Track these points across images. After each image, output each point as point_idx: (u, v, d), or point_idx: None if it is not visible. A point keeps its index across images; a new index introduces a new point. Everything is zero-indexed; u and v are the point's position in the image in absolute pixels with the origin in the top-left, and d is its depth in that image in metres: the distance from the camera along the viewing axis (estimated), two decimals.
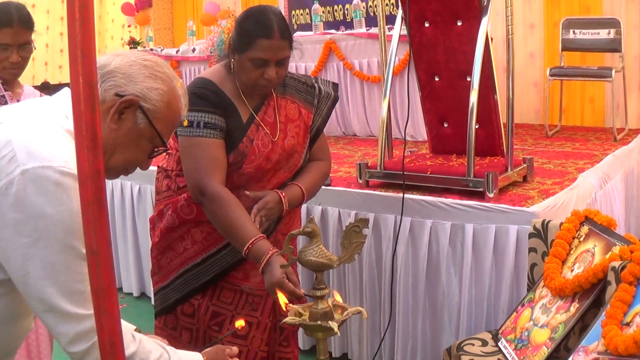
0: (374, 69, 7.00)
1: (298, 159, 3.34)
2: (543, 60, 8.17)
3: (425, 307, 4.29)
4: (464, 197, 4.23)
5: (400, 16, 4.73)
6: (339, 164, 5.71)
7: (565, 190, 4.41)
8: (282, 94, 3.32)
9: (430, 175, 4.42)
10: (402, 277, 4.31)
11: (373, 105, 7.10)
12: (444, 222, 4.16)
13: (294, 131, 3.30)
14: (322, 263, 2.61)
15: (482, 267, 4.05)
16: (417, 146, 6.10)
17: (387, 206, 4.38)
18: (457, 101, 4.55)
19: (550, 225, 3.52)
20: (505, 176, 4.37)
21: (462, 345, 3.46)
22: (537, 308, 3.30)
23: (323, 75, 7.33)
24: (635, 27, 7.46)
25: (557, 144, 6.50)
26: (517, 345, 3.25)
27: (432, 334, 4.30)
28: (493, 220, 4.02)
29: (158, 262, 3.40)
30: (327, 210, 4.66)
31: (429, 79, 4.76)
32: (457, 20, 4.47)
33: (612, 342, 2.64)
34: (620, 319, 2.74)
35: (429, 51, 4.67)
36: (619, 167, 5.66)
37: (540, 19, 8.20)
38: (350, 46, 7.29)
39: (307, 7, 8.83)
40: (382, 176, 4.63)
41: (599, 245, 3.22)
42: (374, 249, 4.46)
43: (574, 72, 7.29)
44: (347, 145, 6.87)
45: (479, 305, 4.09)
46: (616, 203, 5.27)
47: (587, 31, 7.29)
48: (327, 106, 3.44)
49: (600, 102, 7.81)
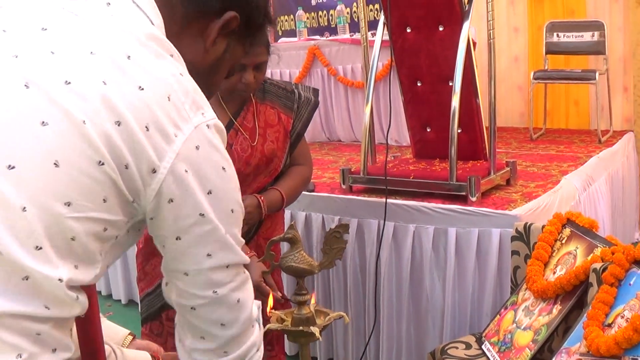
0: (358, 75, 7.00)
1: (278, 164, 3.35)
2: (527, 63, 8.16)
3: (410, 311, 4.30)
4: (446, 201, 4.23)
5: (382, 22, 4.73)
6: (323, 170, 5.72)
7: (548, 193, 4.43)
8: (261, 100, 3.33)
9: (413, 180, 4.43)
10: (386, 281, 4.31)
11: (357, 110, 7.09)
12: (427, 226, 4.17)
13: (274, 136, 3.31)
14: (303, 269, 2.62)
15: (466, 270, 4.06)
16: (401, 151, 6.10)
17: (370, 211, 4.39)
18: (439, 106, 4.56)
19: (533, 228, 3.53)
20: (488, 180, 4.38)
21: (445, 349, 3.47)
22: (520, 310, 3.31)
23: (307, 81, 7.35)
24: (619, 29, 7.48)
25: (542, 147, 6.52)
26: (501, 348, 3.26)
27: (416, 338, 4.31)
28: (476, 223, 4.03)
29: (143, 268, 3.39)
30: (310, 215, 4.68)
31: (411, 84, 4.76)
32: (439, 25, 4.48)
33: (593, 343, 2.65)
34: (601, 320, 2.75)
35: (411, 56, 4.68)
36: (603, 169, 5.68)
37: (524, 22, 8.20)
38: (334, 52, 7.30)
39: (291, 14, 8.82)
40: (365, 181, 4.64)
41: (580, 248, 3.24)
42: (358, 254, 4.47)
43: (558, 75, 7.31)
44: (332, 151, 6.88)
45: (462, 309, 4.10)
46: (600, 205, 5.28)
47: (571, 34, 7.31)
48: (307, 111, 3.45)
49: (585, 104, 7.82)
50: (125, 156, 1.27)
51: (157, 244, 1.48)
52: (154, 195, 1.33)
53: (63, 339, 1.33)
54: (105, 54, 1.29)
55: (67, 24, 1.33)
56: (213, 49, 1.58)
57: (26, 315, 1.24)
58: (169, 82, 1.34)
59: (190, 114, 1.35)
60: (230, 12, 1.54)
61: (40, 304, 1.26)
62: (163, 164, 1.31)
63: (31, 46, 1.28)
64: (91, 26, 1.33)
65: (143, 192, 1.32)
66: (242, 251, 1.52)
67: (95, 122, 1.24)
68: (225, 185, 1.43)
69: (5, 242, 1.21)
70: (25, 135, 1.22)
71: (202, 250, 1.42)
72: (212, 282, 1.46)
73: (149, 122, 1.29)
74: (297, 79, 7.38)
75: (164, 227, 1.40)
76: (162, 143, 1.30)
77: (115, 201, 1.30)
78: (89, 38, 1.31)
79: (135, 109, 1.28)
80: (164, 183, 1.32)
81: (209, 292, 1.47)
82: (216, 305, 1.50)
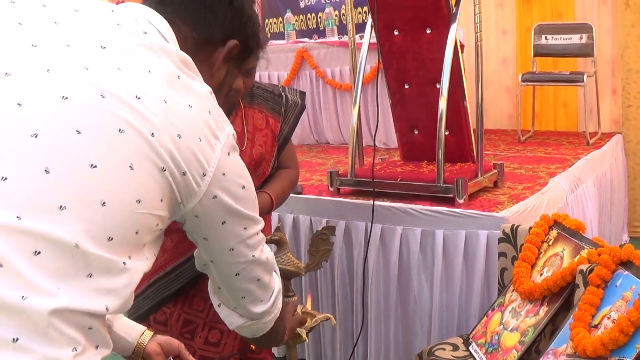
0: (346, 77, 6.98)
1: (266, 167, 3.34)
2: (516, 65, 8.17)
3: (397, 312, 4.30)
4: (434, 203, 4.24)
5: (370, 24, 4.74)
6: (311, 172, 5.72)
7: (535, 194, 4.43)
8: (249, 104, 3.32)
9: (400, 182, 4.43)
10: (373, 283, 4.32)
11: (346, 113, 7.09)
12: (414, 228, 4.18)
13: (262, 140, 3.30)
14: (289, 271, 2.63)
15: (453, 272, 4.07)
16: (389, 153, 6.11)
17: (358, 213, 4.39)
18: (427, 108, 4.56)
19: (520, 229, 3.54)
20: (475, 182, 4.39)
21: (433, 350, 3.48)
22: (507, 312, 3.32)
23: (296, 84, 7.35)
24: (607, 31, 7.49)
25: (530, 149, 6.52)
26: (488, 349, 3.27)
27: (404, 339, 4.32)
28: (463, 225, 4.04)
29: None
30: (298, 218, 4.68)
31: (398, 86, 4.77)
32: (427, 28, 4.48)
33: (580, 344, 2.66)
34: (588, 321, 2.77)
35: (398, 59, 4.68)
36: (591, 171, 5.70)
37: (512, 24, 8.20)
38: (322, 55, 7.30)
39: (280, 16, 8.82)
40: (352, 184, 4.64)
41: (567, 249, 3.25)
42: (346, 256, 4.48)
43: (546, 77, 7.32)
44: (320, 154, 6.87)
45: (450, 310, 4.11)
46: (588, 207, 5.30)
47: (559, 36, 7.32)
48: (294, 115, 3.45)
49: (573, 106, 7.83)
50: (183, 164, 1.45)
51: (198, 236, 1.70)
52: (203, 195, 1.53)
53: (105, 336, 1.41)
54: (160, 74, 1.46)
55: (123, 44, 1.48)
56: (217, 75, 1.79)
57: (84, 312, 1.32)
58: (207, 99, 1.54)
59: (223, 125, 1.57)
60: (232, 40, 1.76)
61: (102, 302, 1.36)
62: (210, 169, 1.51)
63: (99, 61, 1.42)
64: (142, 48, 1.48)
65: (196, 194, 1.52)
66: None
67: (161, 133, 1.41)
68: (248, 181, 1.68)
69: (81, 237, 1.31)
70: (106, 139, 1.36)
71: (239, 226, 1.68)
72: (250, 247, 1.73)
73: (201, 134, 1.48)
74: (285, 81, 7.37)
75: (211, 218, 1.62)
76: (209, 151, 1.50)
77: (168, 201, 1.48)
78: (145, 58, 1.48)
79: (190, 124, 1.47)
80: (210, 184, 1.52)
81: (249, 256, 1.74)
82: (254, 265, 1.78)
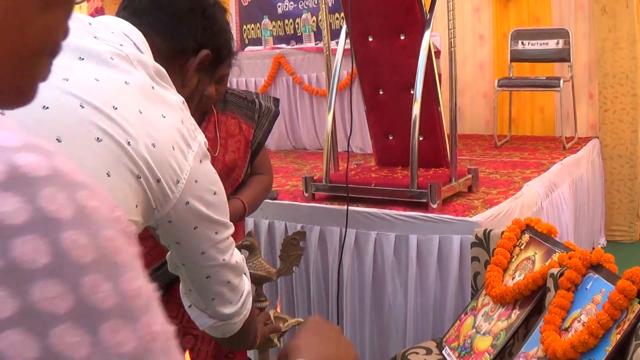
0: (323, 83, 6.99)
1: (239, 174, 3.35)
2: (492, 71, 8.22)
3: (372, 317, 4.31)
4: (408, 208, 4.25)
5: (345, 30, 4.75)
6: (286, 178, 5.73)
7: (509, 199, 4.46)
8: (222, 110, 3.33)
9: (374, 187, 4.44)
10: (348, 288, 4.33)
11: (322, 119, 7.09)
12: (388, 233, 4.19)
13: (235, 146, 3.31)
14: (261, 276, 2.64)
15: (427, 276, 4.08)
16: (365, 159, 6.14)
17: (332, 219, 4.40)
18: (401, 114, 4.57)
19: (492, 234, 3.55)
20: (449, 187, 4.40)
21: (406, 354, 3.48)
22: (480, 316, 3.33)
23: (272, 90, 7.38)
24: (584, 36, 7.55)
25: (506, 154, 6.56)
26: (461, 353, 3.28)
27: (379, 344, 4.33)
28: (436, 230, 4.05)
29: None
30: (273, 223, 4.68)
31: (373, 92, 4.79)
32: (401, 34, 4.50)
33: (550, 347, 2.68)
34: (558, 324, 2.78)
35: (373, 65, 4.70)
36: (567, 175, 5.73)
37: (489, 30, 8.24)
38: (299, 60, 7.33)
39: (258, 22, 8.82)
40: (327, 189, 4.64)
41: (539, 253, 3.27)
42: (321, 261, 4.48)
43: (522, 82, 7.36)
44: (297, 159, 6.89)
45: (424, 315, 4.12)
46: (564, 211, 5.33)
47: (535, 42, 7.37)
48: (268, 121, 3.45)
49: (550, 111, 7.89)
50: (157, 172, 1.50)
51: (170, 241, 1.73)
52: (176, 201, 1.57)
53: None
54: (136, 85, 1.52)
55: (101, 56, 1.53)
56: (189, 83, 1.86)
57: None
58: (180, 109, 1.60)
59: (195, 134, 1.62)
60: (204, 50, 1.83)
61: None
62: (183, 176, 1.56)
63: (78, 72, 1.48)
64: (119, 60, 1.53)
65: (170, 200, 1.56)
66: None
67: (137, 142, 1.46)
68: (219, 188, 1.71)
69: None
70: (85, 147, 1.41)
71: (211, 231, 1.72)
72: (221, 251, 1.76)
73: (174, 143, 1.53)
74: (262, 87, 7.39)
75: (184, 224, 1.66)
76: (182, 159, 1.55)
77: (142, 207, 1.52)
78: (121, 70, 1.53)
79: (164, 134, 1.52)
80: (183, 191, 1.57)
81: (219, 260, 1.78)
82: (224, 269, 1.82)
